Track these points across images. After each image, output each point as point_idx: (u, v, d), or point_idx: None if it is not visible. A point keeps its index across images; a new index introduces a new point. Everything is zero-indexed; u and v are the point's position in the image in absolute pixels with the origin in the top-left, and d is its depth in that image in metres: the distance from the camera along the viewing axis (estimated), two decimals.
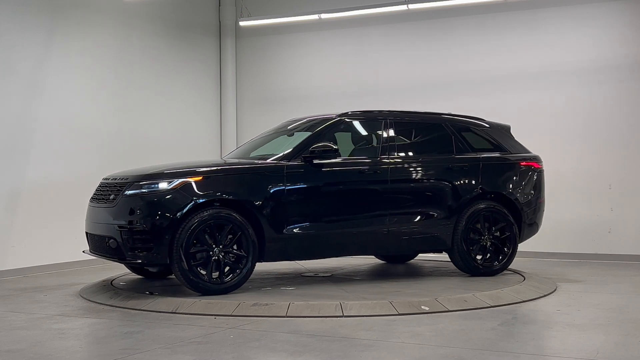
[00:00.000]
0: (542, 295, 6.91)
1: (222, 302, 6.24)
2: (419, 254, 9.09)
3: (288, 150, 7.24)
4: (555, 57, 10.03)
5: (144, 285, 7.38)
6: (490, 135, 8.22)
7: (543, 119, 10.06)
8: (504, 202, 7.91)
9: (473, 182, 7.79)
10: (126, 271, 8.24)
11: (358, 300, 6.32)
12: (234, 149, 9.74)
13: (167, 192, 6.59)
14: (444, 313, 6.08)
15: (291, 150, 7.21)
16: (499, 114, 9.22)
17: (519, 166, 8.14)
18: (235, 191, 6.79)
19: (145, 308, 6.31)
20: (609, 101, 9.76)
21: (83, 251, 7.41)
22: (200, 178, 6.75)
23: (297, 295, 6.64)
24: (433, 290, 6.92)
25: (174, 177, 6.68)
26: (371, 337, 5.25)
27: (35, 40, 8.91)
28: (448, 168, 7.76)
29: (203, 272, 6.60)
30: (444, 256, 8.21)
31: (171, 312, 6.15)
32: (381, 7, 9.85)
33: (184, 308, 6.19)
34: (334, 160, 7.25)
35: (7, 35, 8.59)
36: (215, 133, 11.87)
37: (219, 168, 7.07)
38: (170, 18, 10.99)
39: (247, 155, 7.74)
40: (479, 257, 7.78)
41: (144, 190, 6.63)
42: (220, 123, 11.93)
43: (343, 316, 5.96)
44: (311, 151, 7.12)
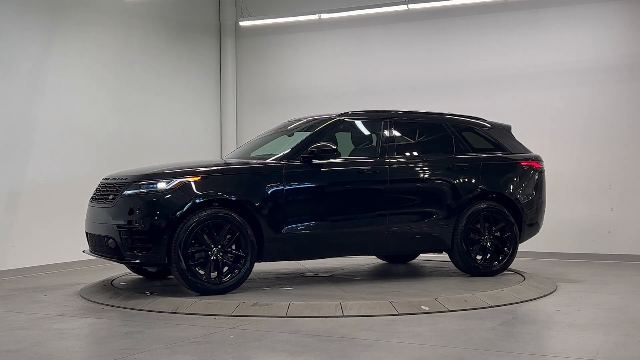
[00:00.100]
0: (542, 295, 6.91)
1: (222, 302, 6.24)
2: (420, 254, 9.09)
3: (287, 150, 7.24)
4: (555, 57, 10.03)
5: (144, 285, 7.38)
6: (490, 135, 8.21)
7: (543, 119, 10.06)
8: (505, 202, 7.90)
9: (473, 182, 7.78)
10: (126, 271, 8.24)
11: (358, 300, 6.32)
12: (234, 149, 9.74)
13: (166, 192, 6.58)
14: (444, 313, 6.08)
15: (290, 150, 7.20)
16: (499, 114, 9.22)
17: (520, 166, 8.13)
18: (234, 191, 6.78)
19: (145, 308, 6.31)
20: (609, 101, 9.76)
21: (83, 251, 7.41)
22: (198, 178, 6.74)
23: (296, 295, 6.64)
24: (433, 290, 6.91)
25: (173, 177, 6.68)
26: (371, 337, 5.25)
27: (35, 40, 8.91)
28: (448, 168, 7.75)
29: (201, 272, 6.60)
30: (445, 256, 8.21)
31: (171, 312, 6.16)
32: (381, 7, 9.85)
33: (184, 308, 6.19)
34: (333, 160, 7.25)
35: (7, 35, 8.59)
36: (215, 133, 11.87)
37: (218, 168, 7.06)
38: (170, 18, 10.99)
39: (248, 155, 7.73)
40: (479, 257, 7.78)
41: (143, 190, 6.62)
42: (220, 123, 11.92)
43: (343, 316, 5.96)
44: (310, 151, 7.12)
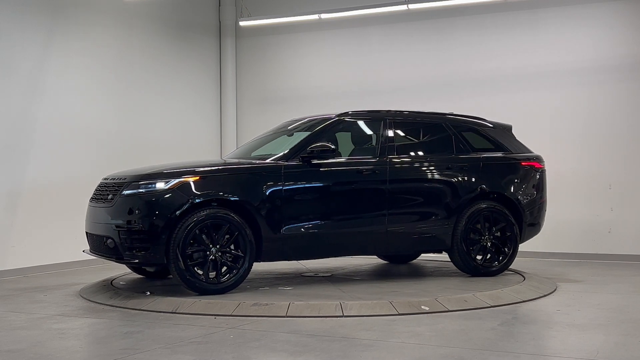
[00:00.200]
0: (542, 295, 6.91)
1: (222, 302, 6.24)
2: (422, 254, 9.07)
3: (286, 150, 7.23)
4: (555, 57, 10.03)
5: (144, 285, 7.38)
6: (491, 135, 8.19)
7: (543, 119, 10.06)
8: (505, 202, 7.89)
9: (473, 182, 7.78)
10: (126, 271, 8.24)
11: (357, 300, 6.32)
12: (235, 149, 9.74)
13: (164, 192, 6.58)
14: (444, 313, 6.08)
15: (289, 150, 7.20)
16: (499, 114, 9.22)
17: (520, 166, 8.12)
18: (232, 191, 6.78)
19: (145, 308, 6.31)
20: (609, 101, 9.76)
21: (83, 251, 7.41)
22: (197, 178, 6.74)
23: (295, 295, 6.63)
24: (433, 290, 6.91)
25: (171, 177, 6.68)
26: (371, 337, 5.25)
27: (35, 40, 8.91)
28: (448, 168, 7.74)
29: (200, 272, 6.60)
30: (446, 257, 8.21)
31: (171, 312, 6.16)
32: (381, 7, 9.85)
33: (184, 308, 6.19)
34: (332, 160, 7.25)
35: (7, 35, 8.59)
36: (215, 133, 11.87)
37: (216, 168, 7.05)
38: (170, 18, 10.99)
39: (248, 155, 7.73)
40: (479, 258, 7.78)
41: (141, 190, 6.62)
42: (220, 123, 11.92)
43: (343, 316, 5.96)
44: (309, 151, 7.11)
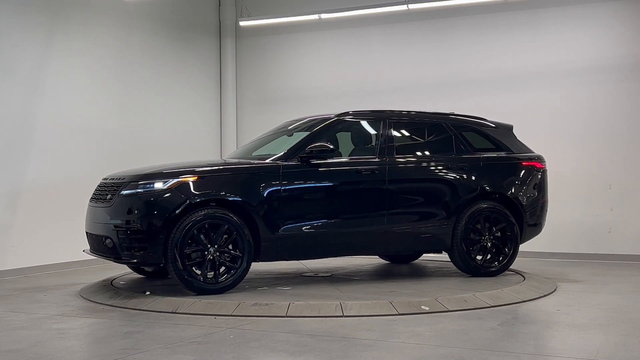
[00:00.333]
0: (542, 295, 6.91)
1: (222, 302, 6.24)
2: (423, 254, 9.06)
3: (285, 150, 7.23)
4: (555, 57, 10.03)
5: (144, 284, 7.38)
6: (492, 134, 8.18)
7: (543, 119, 10.06)
8: (505, 202, 7.88)
9: (473, 182, 7.77)
10: (126, 271, 8.24)
11: (356, 300, 6.32)
12: (235, 149, 9.74)
13: (162, 192, 6.59)
14: (444, 313, 6.08)
15: (288, 150, 7.20)
16: (499, 114, 9.21)
17: (521, 166, 8.10)
18: (231, 191, 6.78)
19: (145, 308, 6.31)
20: (609, 101, 9.76)
21: (83, 250, 7.42)
22: (195, 178, 6.75)
23: (293, 295, 6.63)
24: (433, 290, 6.91)
25: (169, 177, 6.68)
26: (371, 337, 5.25)
27: (35, 40, 8.91)
28: (447, 168, 7.73)
29: (198, 272, 6.61)
30: (447, 257, 8.19)
31: (171, 312, 6.16)
32: (381, 7, 9.85)
33: (184, 308, 6.19)
34: (331, 160, 7.24)
35: (7, 35, 8.59)
36: (215, 133, 11.87)
37: (215, 168, 7.05)
38: (170, 18, 10.99)
39: (248, 155, 7.72)
40: (479, 258, 7.77)
41: (140, 190, 6.63)
42: (220, 123, 11.92)
43: (343, 316, 5.95)
44: (308, 151, 7.11)
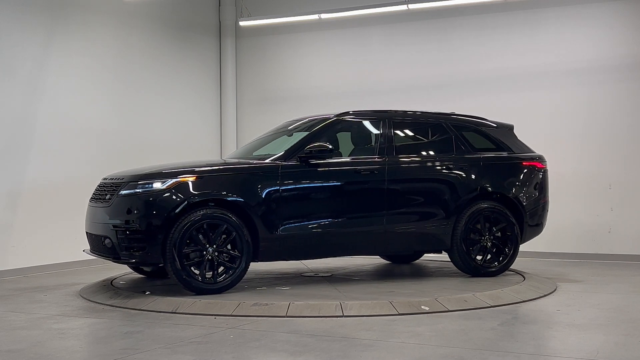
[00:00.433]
0: (542, 295, 6.91)
1: (222, 302, 6.24)
2: (425, 254, 9.05)
3: (284, 150, 7.23)
4: (555, 57, 10.03)
5: (144, 284, 7.38)
6: (492, 134, 8.16)
7: (543, 119, 10.05)
8: (506, 202, 7.86)
9: (473, 182, 7.76)
10: (126, 271, 8.25)
11: (356, 300, 6.32)
12: (236, 149, 9.73)
13: (161, 192, 6.59)
14: (444, 313, 6.08)
15: (287, 150, 7.19)
16: (499, 114, 9.20)
17: (522, 166, 8.09)
18: (229, 191, 6.78)
19: (145, 308, 6.31)
20: (609, 101, 9.76)
21: (83, 250, 7.42)
22: (194, 178, 6.75)
23: (293, 295, 6.63)
24: (433, 290, 6.91)
25: (168, 177, 6.68)
26: (371, 337, 5.25)
27: (35, 40, 8.91)
28: (447, 168, 7.71)
29: (196, 272, 6.61)
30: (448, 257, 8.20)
31: (171, 312, 6.16)
32: (381, 7, 9.85)
33: (184, 308, 6.19)
34: (330, 160, 7.23)
35: (7, 35, 8.59)
36: (215, 133, 11.87)
37: (213, 168, 7.05)
38: (170, 18, 10.99)
39: (249, 155, 7.72)
40: (479, 258, 7.76)
41: (138, 190, 6.64)
42: (220, 123, 11.92)
43: (343, 316, 5.95)
44: (307, 151, 7.10)
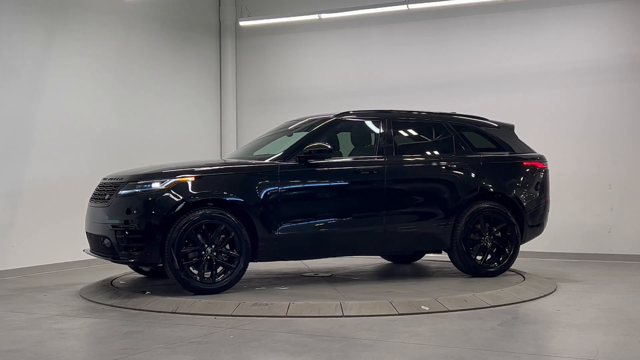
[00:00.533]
0: (542, 295, 6.91)
1: (222, 302, 6.24)
2: (426, 254, 9.05)
3: (283, 150, 7.23)
4: (555, 57, 10.03)
5: (144, 284, 7.38)
6: (492, 134, 8.15)
7: (543, 119, 10.05)
8: (506, 202, 7.86)
9: (473, 182, 7.75)
10: (126, 271, 8.25)
11: (355, 300, 6.32)
12: (236, 149, 9.73)
13: (160, 192, 6.59)
14: (444, 313, 6.08)
15: (286, 150, 7.19)
16: (499, 114, 9.20)
17: (522, 166, 8.08)
18: (228, 191, 6.78)
19: (145, 308, 6.31)
20: (609, 101, 9.76)
21: (83, 250, 7.42)
22: (193, 178, 6.76)
23: (293, 295, 6.62)
24: (433, 290, 6.91)
25: (167, 177, 6.69)
26: (371, 337, 5.25)
27: (35, 40, 8.91)
28: (447, 168, 7.71)
29: (195, 272, 6.61)
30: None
31: (171, 312, 6.16)
32: (381, 7, 9.85)
33: (184, 308, 6.19)
34: (329, 160, 7.22)
35: (7, 35, 8.59)
36: (215, 133, 11.86)
37: (212, 168, 7.05)
38: (170, 18, 10.99)
39: (249, 155, 7.71)
40: (479, 258, 7.76)
41: (137, 190, 6.64)
42: (220, 123, 11.92)
43: (343, 316, 5.96)
44: (307, 151, 7.10)
